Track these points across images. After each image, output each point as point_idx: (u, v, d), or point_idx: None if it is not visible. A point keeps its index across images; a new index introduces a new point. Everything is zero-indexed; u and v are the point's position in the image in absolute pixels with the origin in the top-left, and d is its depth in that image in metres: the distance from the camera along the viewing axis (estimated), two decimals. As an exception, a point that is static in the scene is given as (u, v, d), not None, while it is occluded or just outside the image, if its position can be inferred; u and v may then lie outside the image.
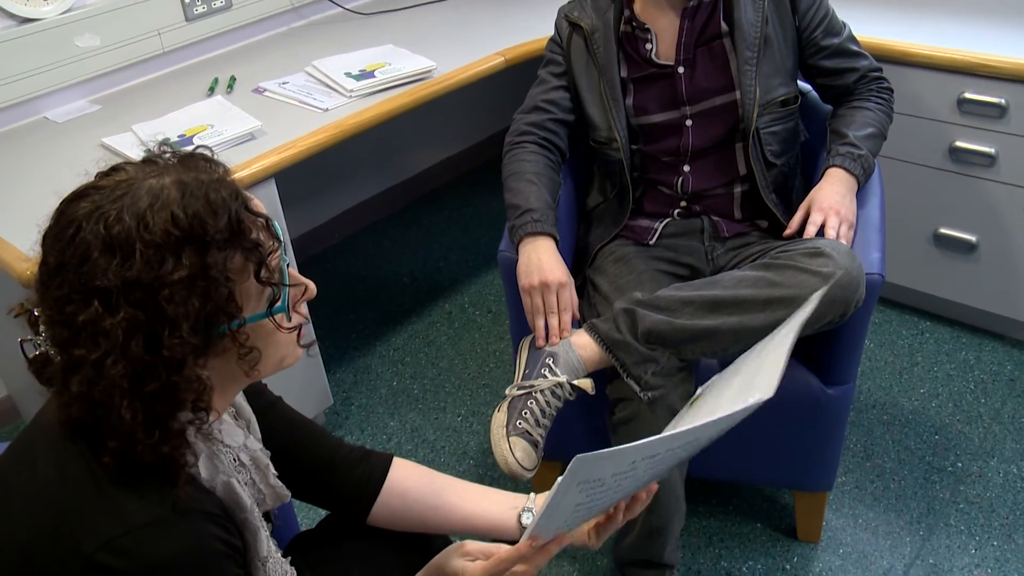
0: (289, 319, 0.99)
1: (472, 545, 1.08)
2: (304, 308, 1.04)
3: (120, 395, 0.86)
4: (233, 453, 1.07)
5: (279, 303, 0.96)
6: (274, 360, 1.00)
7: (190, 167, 0.92)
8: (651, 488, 1.12)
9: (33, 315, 0.92)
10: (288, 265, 0.98)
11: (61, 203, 0.89)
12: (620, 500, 1.09)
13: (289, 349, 1.01)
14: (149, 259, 0.85)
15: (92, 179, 0.92)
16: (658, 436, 0.90)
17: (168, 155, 0.94)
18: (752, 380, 1.05)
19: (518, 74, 2.41)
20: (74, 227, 0.86)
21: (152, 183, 0.88)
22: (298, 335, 1.02)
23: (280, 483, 1.14)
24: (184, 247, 0.86)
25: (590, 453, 0.85)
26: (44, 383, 0.93)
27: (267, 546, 1.07)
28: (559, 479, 0.88)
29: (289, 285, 0.98)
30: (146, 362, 0.87)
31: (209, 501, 0.95)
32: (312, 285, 1.04)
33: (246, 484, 1.08)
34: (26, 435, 0.99)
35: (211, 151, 0.97)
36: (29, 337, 0.94)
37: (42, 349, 0.92)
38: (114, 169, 0.91)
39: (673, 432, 0.91)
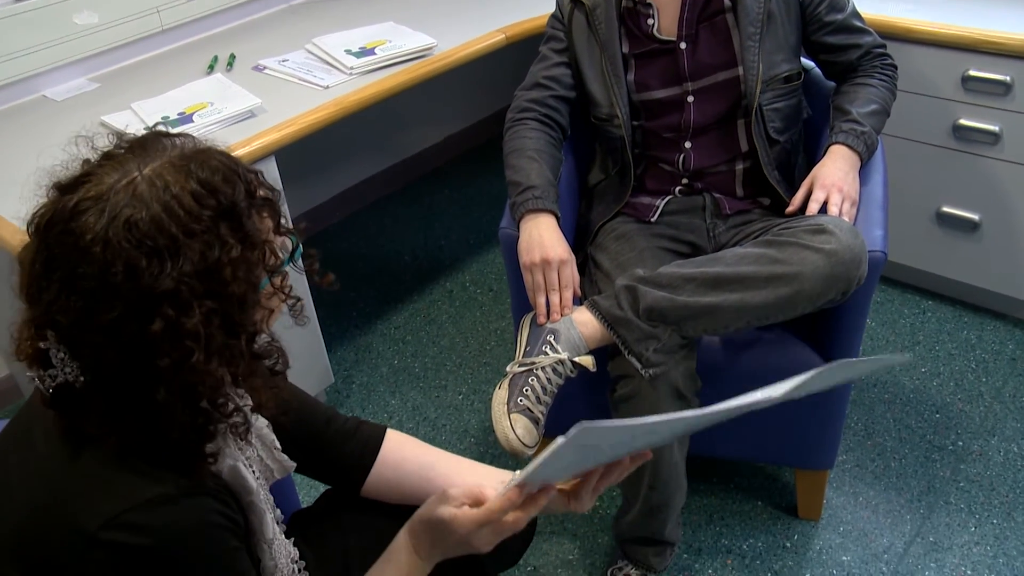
0: (300, 259, 1.00)
1: (455, 490, 1.08)
2: None
3: (220, 385, 0.87)
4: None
5: (298, 248, 0.98)
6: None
7: (159, 147, 0.89)
8: (645, 454, 1.11)
9: (38, 349, 0.88)
10: None
11: (55, 225, 0.84)
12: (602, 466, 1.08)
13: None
14: (197, 248, 0.84)
15: (51, 193, 0.87)
16: (663, 417, 0.90)
17: (125, 146, 0.91)
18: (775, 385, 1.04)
19: (519, 51, 2.40)
20: (99, 244, 0.81)
21: (148, 173, 0.85)
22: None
23: (285, 456, 1.15)
24: (220, 224, 0.86)
25: (595, 423, 0.85)
26: (66, 411, 0.89)
27: (272, 528, 1.07)
28: (559, 439, 0.88)
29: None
30: (232, 346, 0.87)
31: (212, 481, 0.96)
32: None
33: (253, 461, 1.08)
34: (23, 415, 0.98)
35: (167, 127, 0.96)
36: (40, 374, 0.89)
37: (60, 379, 0.87)
38: (85, 175, 0.87)
39: (677, 416, 0.91)
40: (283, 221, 0.96)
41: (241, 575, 0.96)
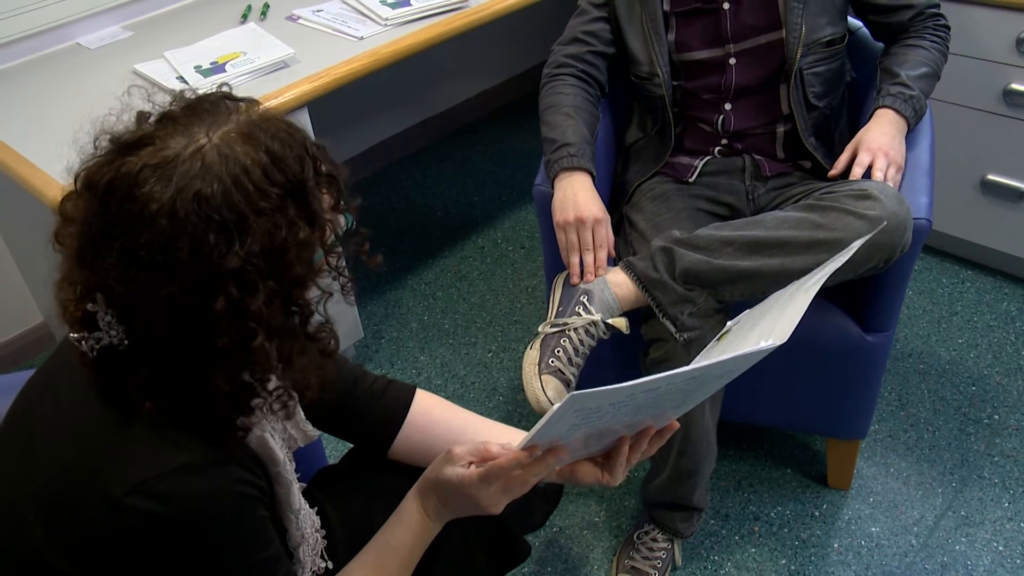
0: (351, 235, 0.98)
1: (460, 448, 1.06)
2: None
3: (273, 368, 0.86)
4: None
5: (351, 224, 0.97)
6: None
7: (224, 112, 0.86)
8: (672, 425, 1.09)
9: (86, 312, 0.86)
10: None
11: (117, 189, 0.80)
12: (626, 433, 1.06)
13: None
14: (265, 227, 0.81)
15: (106, 150, 0.84)
16: (658, 375, 0.88)
17: (184, 105, 0.87)
18: (775, 324, 1.02)
19: (558, 5, 2.35)
20: (166, 216, 0.78)
21: (216, 141, 0.82)
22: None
23: (309, 424, 1.14)
24: (288, 203, 0.83)
25: (585, 391, 0.84)
26: (108, 374, 0.87)
27: (298, 499, 1.06)
28: (554, 407, 0.87)
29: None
30: (289, 327, 0.86)
31: (239, 451, 0.94)
32: None
33: (276, 430, 1.07)
34: (49, 368, 0.97)
35: (230, 87, 0.92)
36: (85, 336, 0.87)
37: (104, 342, 0.86)
38: (148, 137, 0.83)
39: (675, 371, 0.89)
40: (343, 199, 0.93)
41: (267, 544, 0.96)
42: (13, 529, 0.89)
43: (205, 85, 1.86)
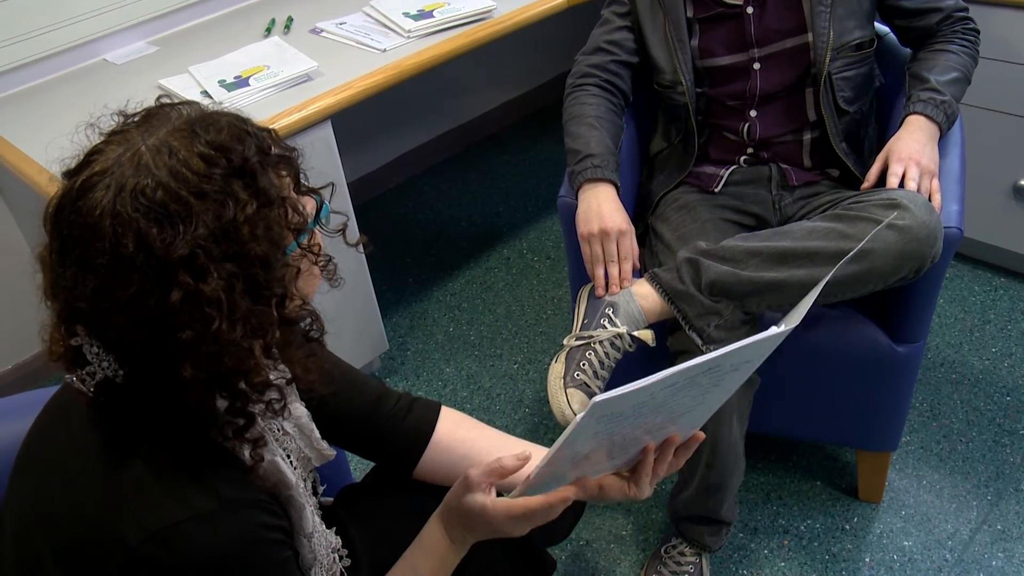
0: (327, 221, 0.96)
1: (476, 473, 1.05)
2: None
3: (249, 356, 0.84)
4: (277, 423, 1.04)
5: (323, 208, 0.94)
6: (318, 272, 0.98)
7: (163, 117, 0.85)
8: (696, 436, 1.07)
9: (70, 347, 0.85)
10: None
11: (64, 208, 0.81)
12: (651, 441, 1.05)
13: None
14: (210, 209, 0.80)
15: (61, 182, 0.84)
16: (674, 369, 0.88)
17: (132, 120, 0.87)
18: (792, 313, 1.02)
19: (581, 14, 2.34)
20: (108, 217, 0.78)
21: (152, 142, 0.82)
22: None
23: (324, 444, 1.12)
24: (232, 182, 0.82)
25: (605, 395, 0.84)
26: (110, 412, 0.86)
27: (312, 521, 1.04)
28: (577, 418, 0.87)
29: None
30: (259, 312, 0.84)
31: (254, 486, 0.93)
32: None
33: (291, 451, 1.06)
34: (62, 402, 0.95)
35: (171, 99, 0.92)
36: (79, 374, 0.86)
37: (99, 376, 0.85)
38: (90, 154, 0.83)
39: (690, 363, 0.88)
40: (303, 179, 0.92)
41: None
42: (32, 569, 0.88)
43: (229, 99, 1.87)
